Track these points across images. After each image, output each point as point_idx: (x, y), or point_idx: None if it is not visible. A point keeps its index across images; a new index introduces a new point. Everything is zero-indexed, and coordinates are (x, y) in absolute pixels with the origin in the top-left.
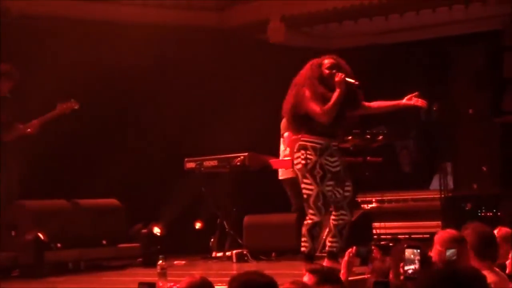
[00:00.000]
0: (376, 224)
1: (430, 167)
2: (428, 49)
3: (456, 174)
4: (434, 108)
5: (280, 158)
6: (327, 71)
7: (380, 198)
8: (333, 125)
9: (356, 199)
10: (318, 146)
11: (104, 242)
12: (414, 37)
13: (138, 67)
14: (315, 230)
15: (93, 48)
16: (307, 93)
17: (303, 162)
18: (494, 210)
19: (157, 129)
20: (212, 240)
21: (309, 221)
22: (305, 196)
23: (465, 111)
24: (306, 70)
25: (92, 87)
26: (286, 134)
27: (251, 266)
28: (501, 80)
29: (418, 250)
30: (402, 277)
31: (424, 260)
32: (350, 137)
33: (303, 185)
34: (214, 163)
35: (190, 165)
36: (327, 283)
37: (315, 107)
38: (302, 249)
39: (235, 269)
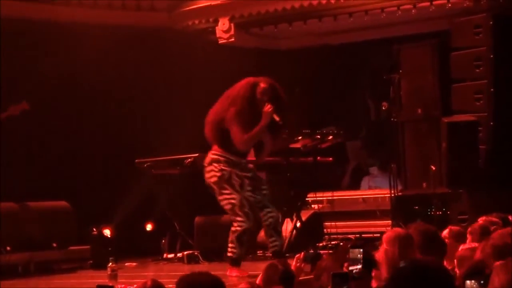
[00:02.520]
0: (327, 224)
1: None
2: (377, 49)
3: (406, 173)
4: (384, 108)
5: None
6: (259, 96)
7: (330, 198)
8: (248, 148)
9: (307, 199)
10: (230, 160)
11: (54, 244)
12: (363, 37)
13: (89, 68)
14: (244, 237)
15: (44, 49)
16: (234, 112)
17: (219, 174)
18: (444, 209)
19: (107, 130)
20: (163, 241)
21: (238, 228)
22: (229, 206)
23: (414, 110)
24: (240, 87)
25: (42, 88)
26: None
27: (203, 267)
28: (449, 80)
29: (361, 250)
30: None
31: (369, 260)
32: (300, 137)
33: (222, 197)
34: (164, 163)
35: (141, 165)
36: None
37: (236, 132)
38: (229, 254)
39: (186, 270)
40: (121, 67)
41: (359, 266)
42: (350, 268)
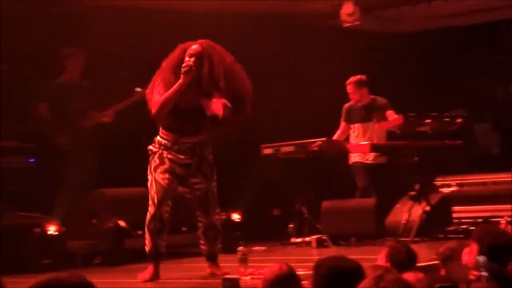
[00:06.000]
0: (456, 208)
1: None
2: (504, 30)
3: None
4: None
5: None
6: (187, 58)
7: (460, 182)
8: (183, 120)
9: (435, 183)
10: (162, 141)
11: (184, 228)
12: (489, 18)
13: None
14: (152, 224)
15: (164, 37)
16: (159, 80)
17: (149, 153)
18: None
19: None
20: (290, 225)
21: (148, 215)
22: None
23: None
24: (172, 53)
25: None
26: None
27: (331, 251)
28: None
29: (486, 258)
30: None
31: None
32: (428, 120)
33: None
34: (291, 148)
35: (267, 151)
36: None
37: (152, 98)
38: (146, 248)
39: (315, 254)
40: (243, 55)
41: (485, 274)
42: (483, 274)
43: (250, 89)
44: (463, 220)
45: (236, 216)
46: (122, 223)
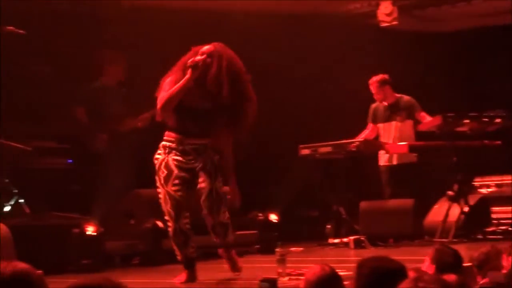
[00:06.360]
0: (495, 209)
1: None
2: None
3: None
4: None
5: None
6: (198, 57)
7: (498, 182)
8: (189, 120)
9: (473, 183)
10: (167, 144)
11: None
12: None
13: (248, 56)
14: (177, 239)
15: (203, 39)
16: (169, 78)
17: (155, 162)
18: None
19: (270, 116)
20: (328, 226)
21: (169, 230)
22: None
23: None
24: (185, 55)
25: None
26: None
27: (369, 252)
28: None
29: None
30: None
31: None
32: (467, 121)
33: (158, 190)
34: (328, 149)
35: (305, 151)
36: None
37: (160, 94)
38: (178, 257)
39: (353, 255)
40: (281, 55)
41: None
42: None
43: (253, 100)
44: (502, 221)
45: (273, 217)
46: (160, 223)
